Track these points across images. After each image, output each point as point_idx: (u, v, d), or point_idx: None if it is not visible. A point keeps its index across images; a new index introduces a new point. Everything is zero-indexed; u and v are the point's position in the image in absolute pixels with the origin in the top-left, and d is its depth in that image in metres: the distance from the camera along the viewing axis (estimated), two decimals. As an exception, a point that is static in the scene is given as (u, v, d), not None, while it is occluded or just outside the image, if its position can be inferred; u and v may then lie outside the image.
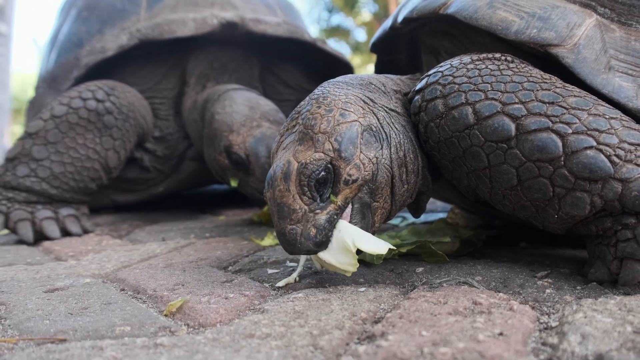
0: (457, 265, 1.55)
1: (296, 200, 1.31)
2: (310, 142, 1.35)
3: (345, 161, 1.33)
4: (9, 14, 9.04)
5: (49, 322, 1.18)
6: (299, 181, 1.31)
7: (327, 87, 1.51)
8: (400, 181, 1.45)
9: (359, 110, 1.42)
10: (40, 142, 2.36)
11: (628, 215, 1.22)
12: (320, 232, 1.31)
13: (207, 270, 1.60)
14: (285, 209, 1.31)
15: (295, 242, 1.30)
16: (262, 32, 3.03)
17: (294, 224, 1.31)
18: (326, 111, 1.39)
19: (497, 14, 1.56)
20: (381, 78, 1.67)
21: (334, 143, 1.34)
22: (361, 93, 1.51)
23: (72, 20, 3.35)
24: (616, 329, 0.99)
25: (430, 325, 1.06)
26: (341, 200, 1.35)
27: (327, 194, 1.34)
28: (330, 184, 1.34)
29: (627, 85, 1.42)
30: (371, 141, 1.39)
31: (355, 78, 1.60)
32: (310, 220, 1.31)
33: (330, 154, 1.33)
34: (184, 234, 2.30)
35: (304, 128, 1.38)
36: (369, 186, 1.38)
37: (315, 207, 1.32)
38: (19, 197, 2.32)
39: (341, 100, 1.42)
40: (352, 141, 1.35)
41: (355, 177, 1.34)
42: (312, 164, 1.31)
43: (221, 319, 1.18)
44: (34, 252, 2.06)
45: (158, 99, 3.00)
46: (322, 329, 1.08)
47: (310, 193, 1.31)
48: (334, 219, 1.34)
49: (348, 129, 1.36)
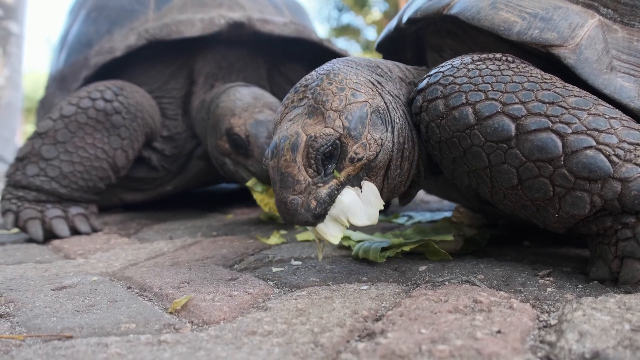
0: (460, 263, 1.56)
1: (301, 172, 1.34)
2: (320, 117, 1.38)
3: (353, 139, 1.37)
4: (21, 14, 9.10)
5: (56, 320, 1.20)
6: (307, 153, 1.34)
7: (338, 64, 1.54)
8: (395, 165, 1.49)
9: (369, 92, 1.46)
10: (49, 142, 2.39)
11: (628, 215, 1.23)
12: (320, 205, 1.35)
13: (212, 268, 1.62)
14: (289, 179, 1.34)
15: (295, 213, 1.34)
16: (269, 32, 3.04)
17: (296, 195, 1.34)
18: (338, 89, 1.42)
19: (499, 14, 1.56)
20: (388, 64, 1.70)
21: (345, 121, 1.37)
22: (370, 75, 1.55)
23: (81, 21, 3.38)
24: (614, 327, 1.00)
25: (429, 323, 1.07)
26: (344, 176, 1.38)
27: (331, 169, 1.37)
28: (335, 159, 1.37)
29: (629, 85, 1.43)
30: (378, 123, 1.43)
31: (363, 60, 1.64)
32: (312, 193, 1.35)
33: (340, 131, 1.36)
34: (191, 233, 2.32)
35: (315, 103, 1.41)
36: (369, 166, 1.42)
37: (318, 181, 1.35)
38: (29, 196, 2.35)
39: (352, 80, 1.46)
40: (362, 121, 1.39)
41: (360, 155, 1.38)
42: (321, 137, 1.34)
43: (225, 317, 1.20)
44: (44, 251, 2.09)
45: (166, 99, 3.02)
46: (324, 326, 1.09)
47: (316, 166, 1.35)
48: (334, 194, 1.37)
49: (359, 109, 1.40)
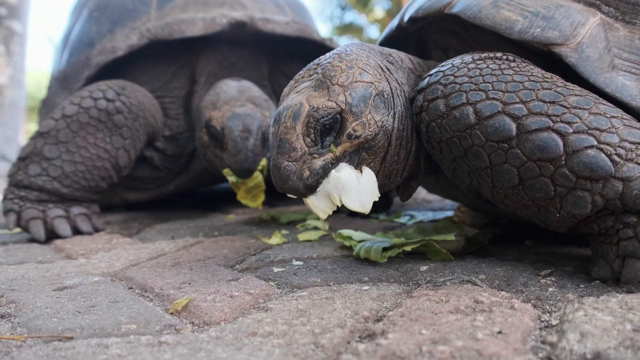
0: (461, 263, 1.55)
1: (299, 140, 1.37)
2: (325, 91, 1.42)
3: (354, 116, 1.40)
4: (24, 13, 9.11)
5: (56, 320, 1.20)
6: (307, 122, 1.38)
7: (351, 46, 1.58)
8: (394, 151, 1.51)
9: (377, 75, 1.49)
10: (51, 142, 2.39)
11: (629, 214, 1.22)
12: (313, 176, 1.38)
13: (214, 268, 1.62)
14: (286, 145, 1.37)
15: (287, 179, 1.37)
16: (271, 31, 3.04)
17: (290, 161, 1.37)
18: (347, 67, 1.46)
19: (500, 13, 1.56)
20: (401, 54, 1.73)
21: (348, 97, 1.41)
22: (381, 61, 1.58)
23: (83, 21, 3.38)
24: (616, 327, 1.00)
25: (430, 323, 1.07)
26: (340, 151, 1.41)
27: (329, 143, 1.40)
28: (334, 133, 1.40)
29: (631, 84, 1.42)
30: (380, 106, 1.46)
31: (377, 47, 1.67)
32: (307, 162, 1.38)
33: (342, 106, 1.40)
34: (193, 233, 2.32)
35: (323, 77, 1.45)
36: (369, 144, 1.44)
37: (314, 151, 1.39)
38: (31, 196, 2.35)
39: (362, 61, 1.49)
40: (365, 100, 1.42)
41: (359, 133, 1.41)
42: (323, 109, 1.38)
43: (225, 317, 1.20)
44: (45, 251, 2.09)
45: (168, 98, 3.02)
46: (324, 327, 1.09)
47: (314, 136, 1.38)
48: (328, 168, 1.40)
49: (364, 88, 1.43)
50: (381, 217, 2.52)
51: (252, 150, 2.39)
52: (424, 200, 3.22)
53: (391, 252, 1.62)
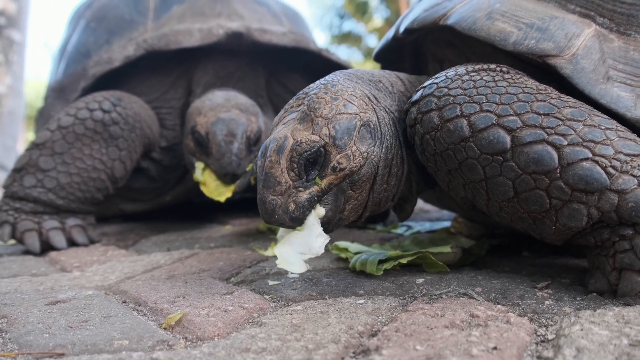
0: (458, 275, 1.55)
1: (283, 174, 1.38)
2: (309, 124, 1.42)
3: (337, 149, 1.40)
4: (23, 22, 9.11)
5: (48, 336, 1.19)
6: (291, 157, 1.38)
7: (339, 76, 1.58)
8: (381, 180, 1.51)
9: (362, 105, 1.48)
10: (47, 153, 2.38)
11: (625, 227, 1.22)
12: (299, 209, 1.38)
13: (208, 282, 1.61)
14: (271, 179, 1.38)
15: (273, 212, 1.38)
16: (268, 42, 3.04)
17: (276, 195, 1.38)
18: (332, 99, 1.45)
19: (495, 25, 1.56)
20: (392, 77, 1.72)
21: (332, 130, 1.40)
22: (368, 89, 1.58)
23: (80, 31, 3.38)
24: (612, 341, 0.99)
25: (425, 339, 1.06)
26: (325, 184, 1.41)
27: (314, 176, 1.40)
28: (318, 167, 1.40)
29: (626, 95, 1.42)
30: (366, 137, 1.45)
31: (367, 73, 1.67)
32: (292, 196, 1.38)
33: (325, 139, 1.40)
34: (189, 244, 2.31)
35: (307, 109, 1.45)
36: (353, 178, 1.43)
37: (299, 185, 1.39)
38: (26, 208, 2.34)
39: (347, 92, 1.49)
40: (349, 132, 1.42)
41: (343, 166, 1.40)
42: (306, 143, 1.38)
43: (219, 333, 1.19)
44: (40, 263, 2.08)
45: (165, 109, 3.02)
46: (318, 342, 1.08)
47: (297, 170, 1.39)
48: (314, 200, 1.41)
49: (347, 120, 1.43)
50: (378, 228, 2.51)
51: (236, 154, 2.40)
52: (421, 210, 3.21)
53: (387, 264, 1.61)
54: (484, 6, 1.62)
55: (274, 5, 3.49)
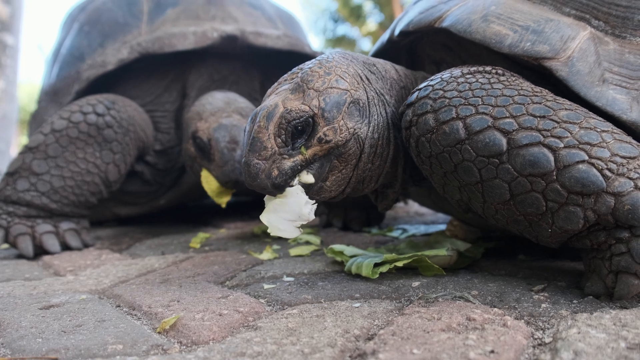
0: (454, 278, 1.54)
1: (270, 139, 1.41)
2: (301, 94, 1.46)
3: (325, 121, 1.43)
4: (16, 26, 9.08)
5: (41, 341, 1.18)
6: (279, 123, 1.42)
7: (335, 54, 1.62)
8: (367, 158, 1.54)
9: (354, 83, 1.52)
10: (40, 156, 2.37)
11: (622, 229, 1.21)
12: (281, 176, 1.42)
13: (203, 285, 1.60)
14: (258, 143, 1.41)
15: (255, 176, 1.41)
16: (263, 45, 3.04)
17: (260, 159, 1.41)
18: (325, 73, 1.49)
19: (490, 27, 1.56)
20: (386, 65, 1.75)
21: (321, 102, 1.44)
22: (362, 70, 1.60)
23: (74, 34, 3.36)
24: (610, 344, 0.99)
25: (422, 342, 1.05)
26: (310, 154, 1.44)
27: (299, 145, 1.44)
28: (305, 136, 1.44)
29: (621, 97, 1.42)
30: (355, 114, 1.49)
31: (362, 56, 1.69)
32: (276, 162, 1.42)
33: (315, 110, 1.44)
34: (184, 248, 2.30)
35: (301, 81, 1.49)
36: (339, 150, 1.47)
37: (284, 152, 1.43)
38: (19, 212, 2.33)
39: (341, 69, 1.53)
40: (338, 106, 1.45)
41: (329, 138, 1.44)
42: (295, 112, 1.42)
43: (214, 337, 1.18)
44: (33, 267, 2.06)
45: (159, 112, 3.01)
46: (314, 346, 1.07)
47: (285, 137, 1.42)
48: (297, 169, 1.44)
49: (338, 95, 1.47)
50: (373, 231, 2.50)
51: (239, 162, 2.38)
52: (416, 213, 3.21)
53: (383, 267, 1.60)
54: (480, 9, 1.62)
55: (268, 9, 3.48)
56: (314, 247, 2.12)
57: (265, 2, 3.58)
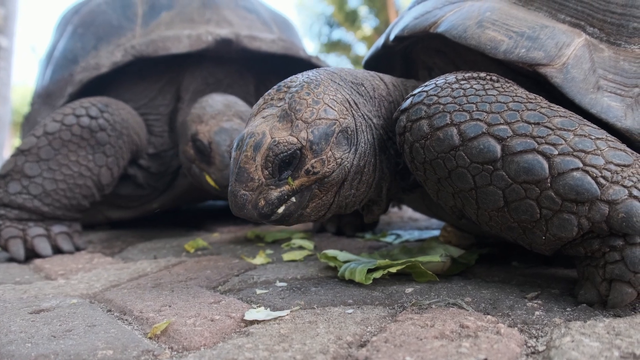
0: (447, 285, 1.53)
1: (257, 171, 1.40)
2: (289, 124, 1.43)
3: (313, 153, 1.42)
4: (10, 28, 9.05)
5: (30, 346, 1.17)
6: (267, 156, 1.40)
7: (323, 75, 1.58)
8: (349, 185, 1.54)
9: (343, 111, 1.50)
10: (32, 159, 2.35)
11: (616, 237, 1.21)
12: (268, 206, 1.42)
13: (195, 290, 1.59)
14: (245, 174, 1.41)
15: (242, 207, 1.41)
16: (257, 49, 3.03)
17: (247, 190, 1.40)
18: (313, 102, 1.47)
19: (485, 33, 1.55)
20: (375, 81, 1.72)
21: (310, 134, 1.42)
22: (350, 94, 1.58)
23: (67, 37, 3.35)
24: (603, 353, 0.98)
25: (415, 349, 1.04)
26: (297, 185, 1.44)
27: (287, 176, 1.42)
28: (292, 167, 1.42)
29: (616, 105, 1.42)
30: (342, 143, 1.48)
31: (350, 74, 1.66)
32: (263, 193, 1.41)
33: (303, 142, 1.41)
34: (176, 252, 2.29)
35: (289, 109, 1.46)
36: (324, 180, 1.46)
37: (271, 183, 1.42)
38: (11, 215, 2.31)
39: (329, 96, 1.50)
40: (327, 138, 1.44)
41: (317, 170, 1.43)
42: (283, 144, 1.40)
43: (205, 342, 1.17)
44: (24, 271, 2.05)
45: (153, 116, 2.99)
46: (306, 353, 1.06)
47: (272, 169, 1.41)
48: (283, 199, 1.44)
49: (327, 126, 1.45)
50: (367, 237, 2.50)
51: None
52: (410, 218, 3.20)
53: (376, 273, 1.60)
54: (475, 14, 1.62)
55: (263, 13, 3.48)
56: (307, 252, 2.11)
57: (260, 5, 3.58)
